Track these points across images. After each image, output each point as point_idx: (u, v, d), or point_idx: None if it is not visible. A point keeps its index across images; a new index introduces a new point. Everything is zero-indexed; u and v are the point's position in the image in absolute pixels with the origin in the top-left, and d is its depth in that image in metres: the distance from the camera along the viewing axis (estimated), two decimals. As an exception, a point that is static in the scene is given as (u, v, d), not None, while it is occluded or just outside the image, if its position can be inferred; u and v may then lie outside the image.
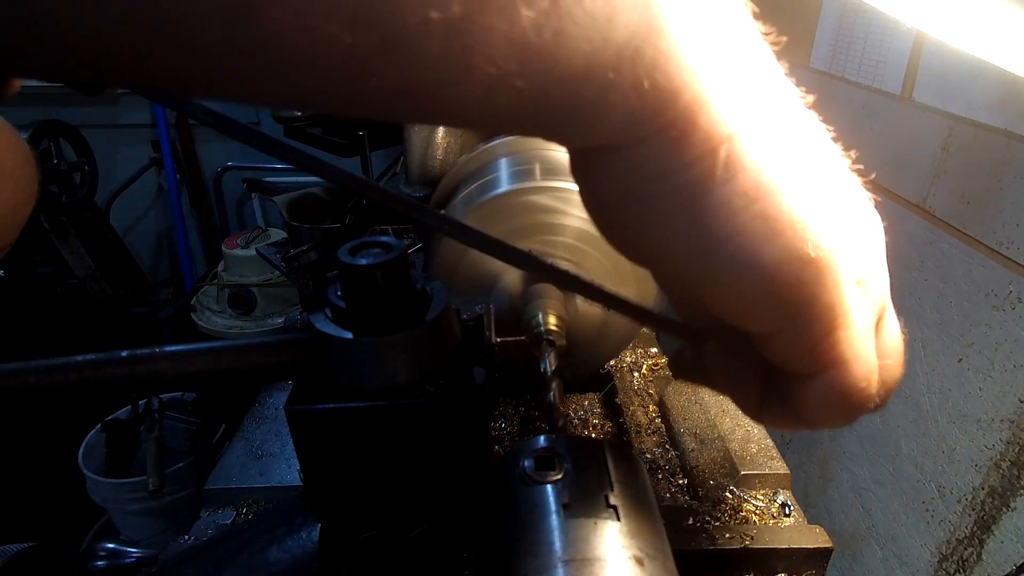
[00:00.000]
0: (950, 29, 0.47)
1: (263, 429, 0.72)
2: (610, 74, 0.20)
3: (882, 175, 1.13)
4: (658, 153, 0.23)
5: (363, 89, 0.20)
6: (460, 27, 0.18)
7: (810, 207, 0.24)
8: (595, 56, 0.20)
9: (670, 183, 0.23)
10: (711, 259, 0.24)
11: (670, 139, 0.22)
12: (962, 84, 0.96)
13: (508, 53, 0.19)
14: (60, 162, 2.25)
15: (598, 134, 0.23)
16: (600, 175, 0.25)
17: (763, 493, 0.64)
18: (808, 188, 0.24)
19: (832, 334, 0.26)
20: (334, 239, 2.06)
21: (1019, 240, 0.84)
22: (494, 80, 0.19)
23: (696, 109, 0.22)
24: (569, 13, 0.19)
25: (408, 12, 0.17)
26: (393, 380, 0.39)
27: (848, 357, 0.27)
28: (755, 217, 0.23)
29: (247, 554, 0.45)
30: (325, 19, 0.17)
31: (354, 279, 0.38)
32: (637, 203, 0.25)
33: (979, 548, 0.93)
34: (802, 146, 0.25)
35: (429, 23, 0.17)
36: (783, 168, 0.24)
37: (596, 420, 0.82)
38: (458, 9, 0.17)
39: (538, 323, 0.59)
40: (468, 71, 0.19)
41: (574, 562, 0.31)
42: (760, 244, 0.23)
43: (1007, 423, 0.87)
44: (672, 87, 0.21)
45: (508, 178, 0.63)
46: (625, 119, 0.22)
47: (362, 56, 0.18)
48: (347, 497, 0.44)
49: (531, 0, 0.18)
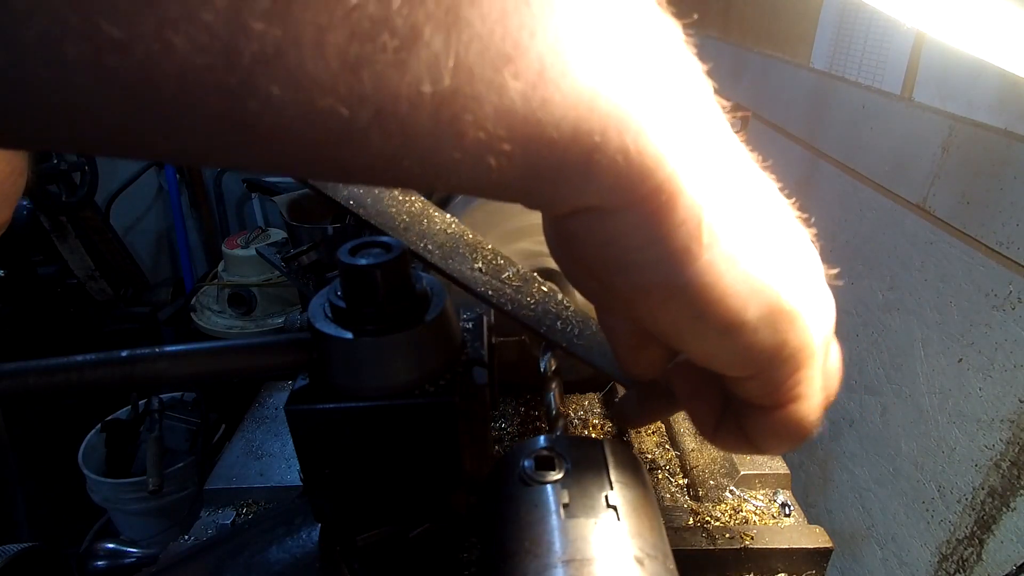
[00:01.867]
0: (950, 29, 0.47)
1: (263, 429, 0.72)
2: (596, 138, 0.21)
3: (882, 175, 1.13)
4: (646, 220, 0.24)
5: (357, 157, 0.20)
6: (451, 98, 0.19)
7: (778, 259, 0.26)
8: (581, 122, 0.21)
9: (658, 251, 0.24)
10: (701, 321, 0.25)
11: (658, 205, 0.23)
12: (962, 84, 0.96)
13: (496, 120, 0.20)
14: (60, 162, 2.25)
15: (585, 196, 0.23)
16: (583, 242, 0.26)
17: (763, 493, 0.64)
18: (771, 240, 0.26)
19: (797, 373, 0.28)
20: (334, 239, 2.06)
21: (1019, 240, 0.84)
22: (483, 145, 0.20)
23: (680, 177, 0.23)
24: (556, 84, 0.20)
25: (402, 87, 0.18)
26: (393, 380, 0.39)
27: (809, 393, 0.29)
28: (738, 279, 0.25)
29: (247, 554, 0.45)
30: (323, 95, 0.18)
31: (354, 279, 0.38)
32: (623, 270, 0.26)
33: (979, 548, 0.93)
34: (759, 200, 0.27)
35: (421, 96, 0.18)
36: (752, 226, 0.25)
37: (596, 420, 0.82)
38: (448, 82, 0.18)
39: (538, 323, 0.59)
40: (458, 137, 0.20)
41: (574, 562, 0.31)
42: (745, 303, 0.25)
43: (1007, 423, 0.87)
44: (658, 153, 0.22)
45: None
46: (612, 183, 0.23)
47: (358, 128, 0.19)
48: (347, 497, 0.44)
49: (518, 72, 0.19)
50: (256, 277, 2.59)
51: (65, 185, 2.32)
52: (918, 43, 1.06)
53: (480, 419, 0.44)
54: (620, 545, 0.32)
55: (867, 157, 1.18)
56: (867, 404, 1.22)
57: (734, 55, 1.80)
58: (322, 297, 0.40)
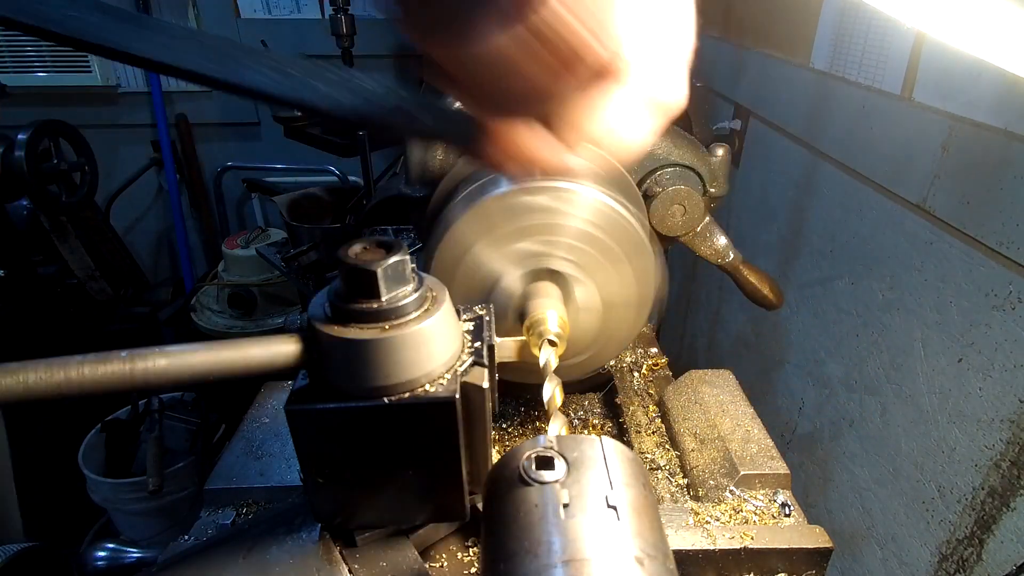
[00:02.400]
0: (950, 29, 0.47)
1: (263, 429, 0.72)
2: None
3: (882, 175, 1.13)
4: None
5: None
6: None
7: None
8: None
9: None
10: None
11: None
12: (962, 84, 0.96)
13: None
14: (60, 162, 2.25)
15: None
16: None
17: (763, 493, 0.64)
18: None
19: None
20: (334, 239, 2.06)
21: (1019, 240, 0.84)
22: None
23: None
24: None
25: None
26: (393, 380, 0.39)
27: None
28: None
29: (248, 554, 0.45)
30: None
31: (354, 279, 0.38)
32: None
33: (979, 548, 0.93)
34: None
35: None
36: None
37: (596, 420, 0.82)
38: None
39: (538, 323, 0.59)
40: None
41: (574, 562, 0.31)
42: None
43: (1007, 423, 0.87)
44: None
45: (508, 178, 0.63)
46: None
47: None
48: (347, 497, 0.44)
49: None
50: (256, 277, 2.59)
51: (65, 185, 2.32)
52: (918, 43, 1.06)
53: (480, 419, 0.44)
54: (620, 545, 0.32)
55: (867, 157, 1.18)
56: (867, 404, 1.22)
57: (734, 55, 1.80)
58: (322, 297, 0.40)
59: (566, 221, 0.61)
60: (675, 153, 0.77)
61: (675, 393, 0.78)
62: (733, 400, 0.75)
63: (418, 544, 0.51)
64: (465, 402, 0.41)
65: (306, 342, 0.39)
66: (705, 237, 0.80)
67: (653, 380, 0.85)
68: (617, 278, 0.64)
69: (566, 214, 0.61)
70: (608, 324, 0.67)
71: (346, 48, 2.27)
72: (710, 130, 1.82)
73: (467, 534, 0.58)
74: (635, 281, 0.64)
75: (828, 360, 1.36)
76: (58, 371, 0.33)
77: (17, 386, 0.32)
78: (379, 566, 0.47)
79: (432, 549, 0.56)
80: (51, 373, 0.33)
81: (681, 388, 0.78)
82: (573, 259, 0.62)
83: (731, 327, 1.94)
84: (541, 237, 0.62)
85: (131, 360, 0.34)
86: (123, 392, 0.34)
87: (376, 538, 0.49)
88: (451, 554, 0.56)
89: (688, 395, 0.77)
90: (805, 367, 1.47)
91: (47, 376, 0.33)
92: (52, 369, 0.33)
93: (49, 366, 0.33)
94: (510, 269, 0.63)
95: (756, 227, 1.72)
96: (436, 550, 0.56)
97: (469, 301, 0.50)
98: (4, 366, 0.32)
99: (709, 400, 0.75)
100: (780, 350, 1.59)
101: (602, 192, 0.61)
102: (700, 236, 0.80)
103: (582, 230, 0.61)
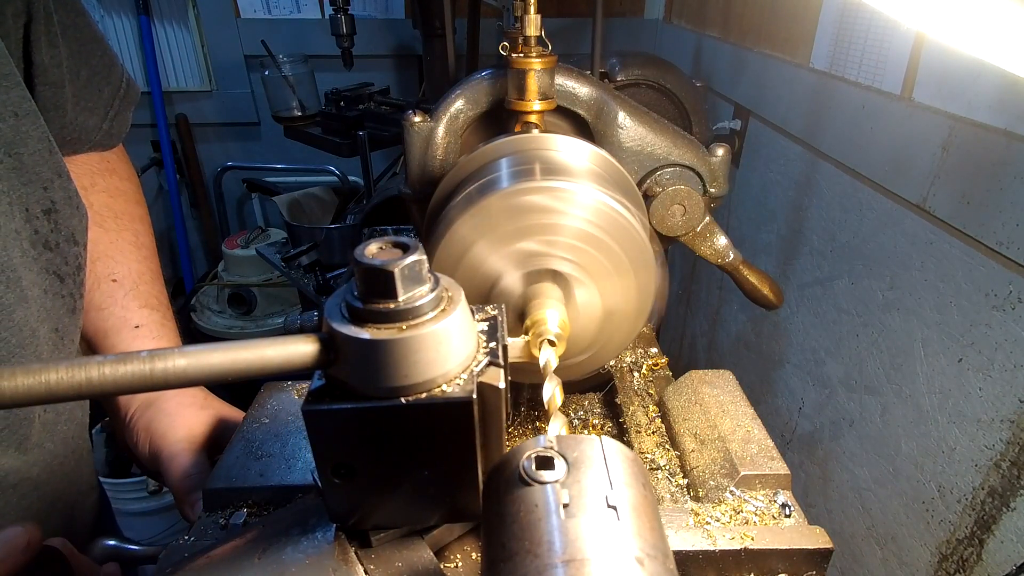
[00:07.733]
0: (950, 29, 0.47)
1: (263, 429, 0.72)
2: None
3: (882, 175, 1.13)
4: None
5: None
6: None
7: None
8: None
9: None
10: None
11: None
12: (962, 84, 0.96)
13: None
14: (60, 162, 2.24)
15: None
16: None
17: (763, 493, 0.64)
18: None
19: None
20: (334, 239, 2.06)
21: (1019, 240, 0.84)
22: None
23: None
24: None
25: None
26: (410, 380, 0.39)
27: None
28: None
29: (262, 555, 0.45)
30: None
31: (371, 279, 0.37)
32: None
33: (979, 548, 0.93)
34: None
35: None
36: None
37: (596, 420, 0.82)
38: None
39: (539, 323, 0.59)
40: None
41: (574, 562, 0.31)
42: None
43: (1007, 423, 0.87)
44: None
45: (508, 178, 0.63)
46: None
47: None
48: (363, 497, 0.44)
49: None
50: (256, 277, 2.59)
51: (65, 185, 2.31)
52: (918, 43, 1.06)
53: (496, 419, 0.44)
54: (620, 545, 0.32)
55: (867, 157, 1.18)
56: (867, 404, 1.22)
57: (734, 55, 1.80)
58: (338, 297, 0.40)
59: (566, 221, 0.61)
60: (675, 153, 0.77)
61: (675, 393, 0.78)
62: (733, 400, 0.75)
63: (432, 544, 0.51)
64: (481, 402, 0.41)
65: (323, 343, 0.38)
66: (705, 237, 0.80)
67: (653, 380, 0.85)
68: (617, 278, 0.64)
69: (566, 214, 0.61)
70: (608, 324, 0.67)
71: (346, 48, 2.27)
72: (710, 130, 1.82)
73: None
74: (635, 281, 0.64)
75: (828, 360, 1.36)
76: (79, 371, 0.33)
77: (39, 387, 0.32)
78: (395, 566, 0.47)
79: (446, 549, 0.56)
80: (72, 373, 0.33)
81: (681, 388, 0.78)
82: (573, 259, 0.62)
83: (731, 327, 1.94)
84: (541, 237, 0.62)
85: (151, 360, 0.34)
86: (142, 391, 0.34)
87: (391, 538, 0.49)
88: (466, 555, 0.56)
89: (688, 395, 0.77)
90: (805, 367, 1.47)
91: (68, 376, 0.32)
92: (74, 369, 0.33)
93: (71, 366, 0.33)
94: (510, 269, 0.63)
95: (756, 227, 1.72)
96: (450, 550, 0.56)
97: (469, 301, 0.50)
98: (26, 366, 0.32)
99: (709, 400, 0.75)
100: (780, 350, 1.59)
101: (603, 192, 0.61)
102: (700, 236, 0.80)
103: (582, 230, 0.61)
